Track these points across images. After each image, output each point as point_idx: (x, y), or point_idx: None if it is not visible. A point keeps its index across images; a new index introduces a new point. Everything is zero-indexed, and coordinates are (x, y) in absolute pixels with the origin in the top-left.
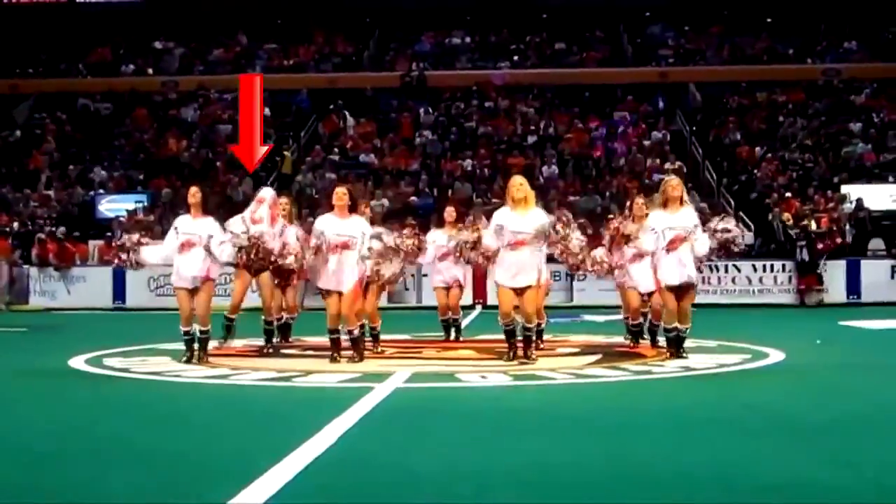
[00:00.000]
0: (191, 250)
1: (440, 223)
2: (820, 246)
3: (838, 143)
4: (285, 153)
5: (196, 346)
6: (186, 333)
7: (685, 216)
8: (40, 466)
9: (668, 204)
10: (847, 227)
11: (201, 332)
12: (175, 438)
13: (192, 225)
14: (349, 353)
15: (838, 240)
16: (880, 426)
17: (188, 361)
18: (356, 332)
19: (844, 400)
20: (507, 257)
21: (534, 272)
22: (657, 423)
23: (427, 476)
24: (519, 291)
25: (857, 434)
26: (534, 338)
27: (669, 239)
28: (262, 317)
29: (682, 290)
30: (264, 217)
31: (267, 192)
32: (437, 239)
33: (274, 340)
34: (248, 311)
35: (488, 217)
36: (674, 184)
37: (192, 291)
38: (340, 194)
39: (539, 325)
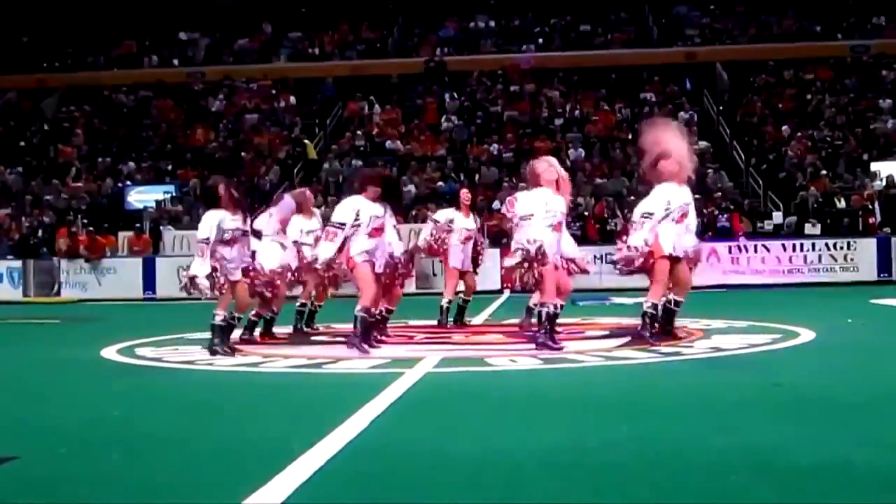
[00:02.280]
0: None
1: (458, 206)
2: None
3: (867, 120)
4: (305, 141)
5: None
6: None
7: (688, 192)
8: (74, 456)
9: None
10: (877, 204)
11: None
12: (207, 426)
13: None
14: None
15: (871, 219)
16: None
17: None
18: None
19: (877, 379)
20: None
21: None
22: (687, 404)
23: (459, 459)
24: None
25: (891, 413)
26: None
27: (683, 213)
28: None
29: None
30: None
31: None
32: (457, 220)
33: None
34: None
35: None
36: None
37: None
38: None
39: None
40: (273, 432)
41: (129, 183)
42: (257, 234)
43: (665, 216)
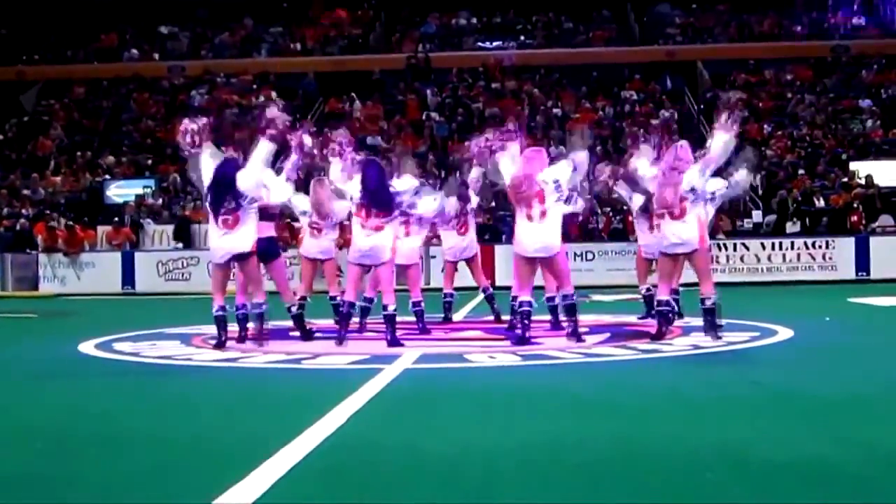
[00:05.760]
0: None
1: None
2: None
3: (847, 120)
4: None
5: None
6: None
7: None
8: (49, 452)
9: None
10: (855, 203)
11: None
12: (185, 421)
13: None
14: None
15: (854, 217)
16: (891, 403)
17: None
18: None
19: (854, 377)
20: None
21: None
22: (665, 401)
23: (436, 456)
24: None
25: (867, 411)
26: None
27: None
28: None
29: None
30: None
31: None
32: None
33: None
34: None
35: None
36: None
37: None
38: None
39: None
40: (250, 428)
41: (108, 177)
42: None
43: None
